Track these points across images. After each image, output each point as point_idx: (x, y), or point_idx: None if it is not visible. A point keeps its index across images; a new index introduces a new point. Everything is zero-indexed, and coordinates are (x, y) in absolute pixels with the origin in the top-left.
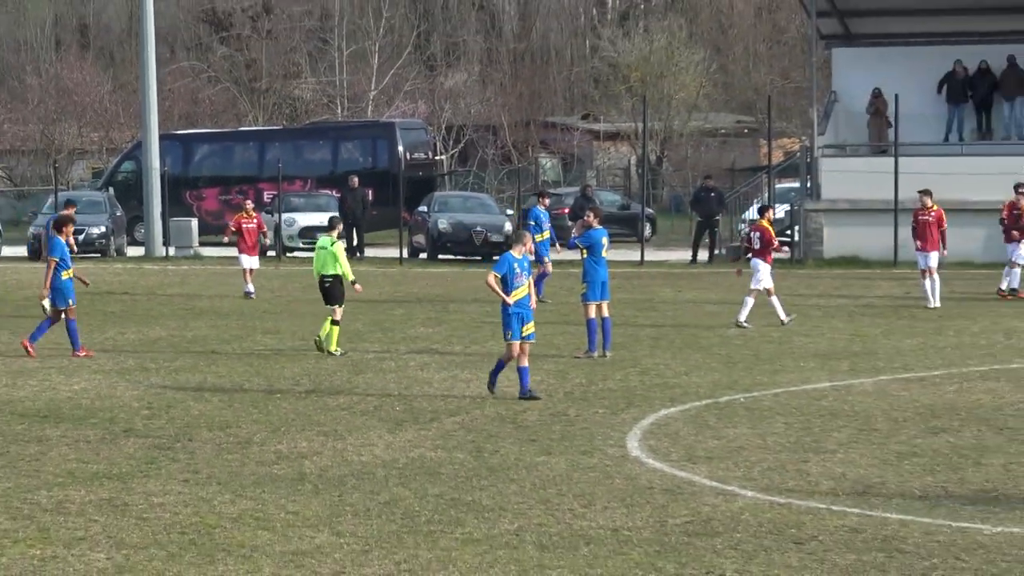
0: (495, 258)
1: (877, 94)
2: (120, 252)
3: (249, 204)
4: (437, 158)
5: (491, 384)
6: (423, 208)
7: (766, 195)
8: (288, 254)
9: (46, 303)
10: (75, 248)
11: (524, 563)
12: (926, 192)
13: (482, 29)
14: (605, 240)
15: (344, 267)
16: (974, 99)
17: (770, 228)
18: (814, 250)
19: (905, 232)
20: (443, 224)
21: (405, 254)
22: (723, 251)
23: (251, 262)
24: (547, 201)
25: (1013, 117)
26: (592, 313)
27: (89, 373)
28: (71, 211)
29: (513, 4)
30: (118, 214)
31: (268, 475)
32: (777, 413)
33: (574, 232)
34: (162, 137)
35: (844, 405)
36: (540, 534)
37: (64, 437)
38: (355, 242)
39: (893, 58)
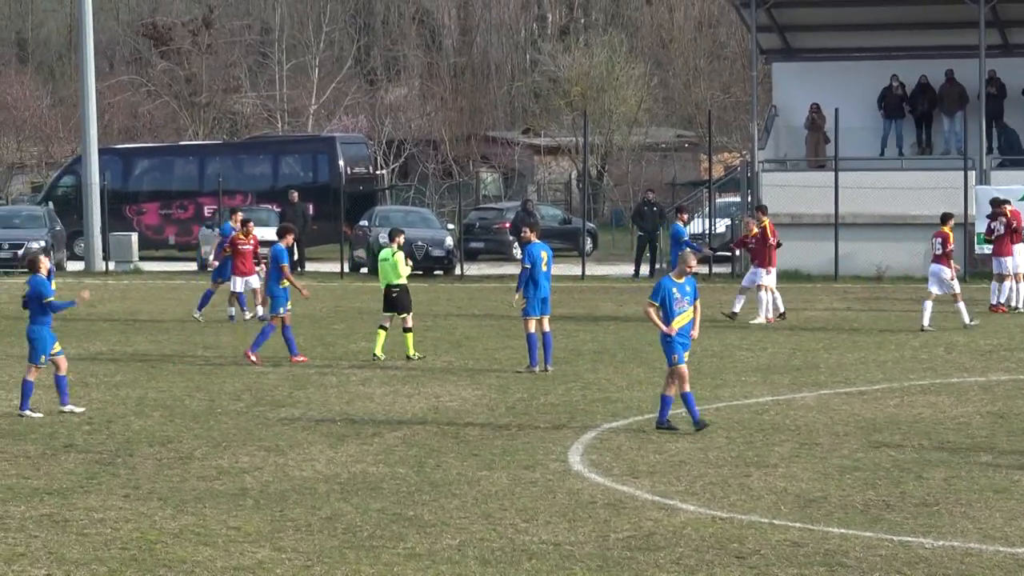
0: (437, 273)
1: (815, 109)
2: (60, 267)
3: (250, 224)
4: (378, 172)
5: (662, 421)
6: (364, 222)
7: (707, 209)
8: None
9: None
10: None
11: None
12: (761, 209)
13: (423, 43)
14: (544, 255)
15: (402, 275)
16: (914, 114)
17: (951, 234)
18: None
19: (846, 247)
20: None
21: (346, 268)
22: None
23: (240, 284)
24: (685, 216)
25: (952, 132)
26: (532, 328)
27: None
28: None
29: (453, 18)
30: (58, 229)
31: (209, 490)
32: (719, 427)
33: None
34: (102, 151)
35: (786, 419)
36: (482, 549)
37: (3, 452)
38: (295, 256)
39: (833, 73)
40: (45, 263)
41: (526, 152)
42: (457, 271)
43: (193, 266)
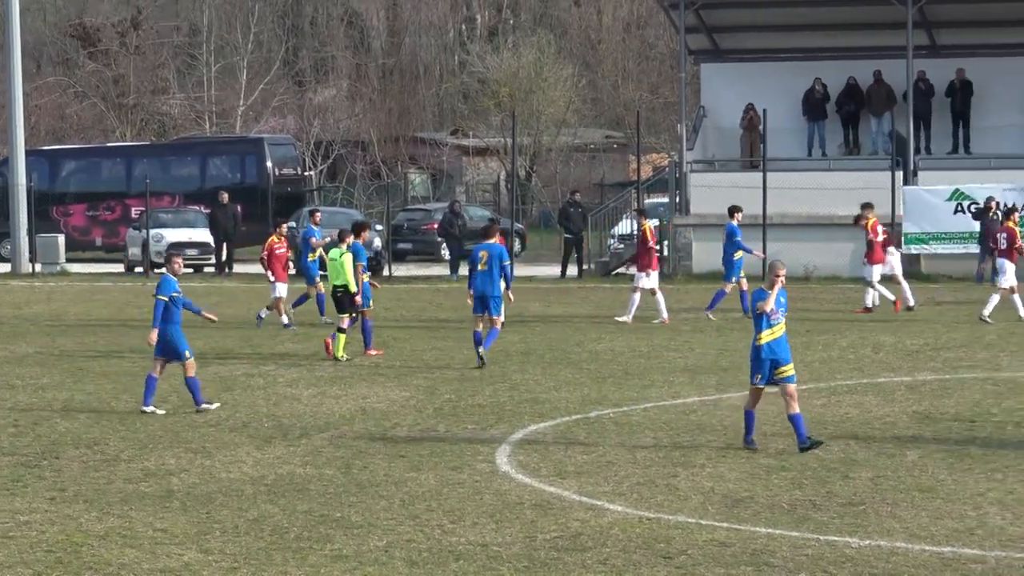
0: (365, 274)
1: (750, 109)
2: None
3: (284, 227)
4: (306, 174)
5: (748, 441)
6: (292, 223)
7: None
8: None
9: None
10: None
11: None
12: (641, 212)
13: (351, 45)
14: (483, 254)
15: (348, 278)
16: (841, 114)
17: (1016, 229)
18: (683, 265)
19: (774, 247)
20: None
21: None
22: (592, 266)
23: (283, 289)
24: (739, 216)
25: (880, 132)
26: (477, 326)
27: None
28: None
29: (382, 20)
30: None
31: (136, 492)
32: (646, 428)
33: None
34: (28, 153)
35: (713, 419)
36: (409, 550)
37: None
38: (224, 257)
39: (761, 73)
40: (179, 262)
41: (454, 153)
42: (385, 272)
43: (120, 268)
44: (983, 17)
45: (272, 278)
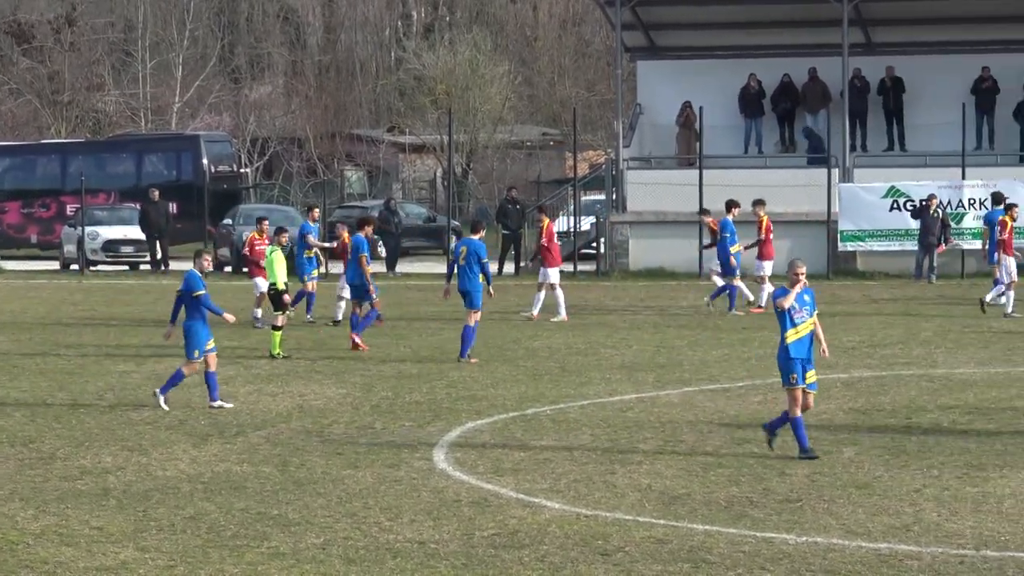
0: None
1: (687, 106)
2: None
3: (265, 223)
4: (242, 171)
5: (805, 450)
6: (228, 221)
7: (572, 207)
8: (91, 267)
9: None
10: None
11: None
12: (541, 209)
13: (287, 41)
14: (463, 250)
15: (277, 276)
16: (776, 112)
17: (1010, 224)
18: (620, 262)
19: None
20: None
21: (211, 268)
22: (529, 264)
23: (264, 285)
24: (736, 211)
25: (816, 129)
26: (469, 320)
27: None
28: None
29: (318, 16)
30: None
31: (72, 490)
32: (584, 425)
33: None
34: None
35: (650, 416)
36: (347, 548)
37: None
38: (158, 255)
39: (698, 71)
40: (208, 259)
41: (391, 150)
42: (322, 269)
43: (55, 265)
44: (918, 15)
45: (255, 277)
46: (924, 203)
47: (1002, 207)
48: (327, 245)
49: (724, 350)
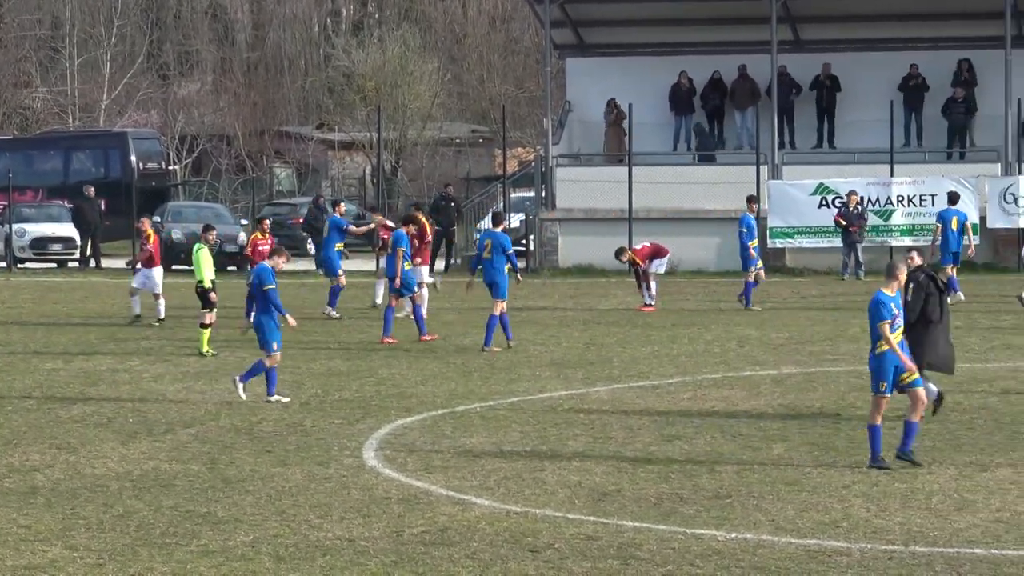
0: (231, 269)
1: (614, 104)
2: None
3: (267, 223)
4: (170, 168)
5: (878, 460)
6: (157, 218)
7: (501, 204)
8: (19, 265)
9: None
10: None
11: (260, 575)
12: (417, 207)
13: (215, 38)
14: (488, 243)
15: (203, 273)
16: (706, 109)
17: None
18: (549, 259)
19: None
20: (177, 234)
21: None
22: (459, 260)
23: None
24: (755, 206)
25: (744, 127)
26: (495, 310)
27: None
28: None
29: (246, 13)
30: None
31: None
32: (513, 422)
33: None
34: None
35: (580, 414)
36: (276, 545)
37: None
38: (89, 252)
39: (627, 68)
40: (283, 256)
41: (320, 147)
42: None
43: None
44: (846, 12)
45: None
46: (843, 201)
47: (956, 206)
48: (363, 229)
49: (653, 347)
